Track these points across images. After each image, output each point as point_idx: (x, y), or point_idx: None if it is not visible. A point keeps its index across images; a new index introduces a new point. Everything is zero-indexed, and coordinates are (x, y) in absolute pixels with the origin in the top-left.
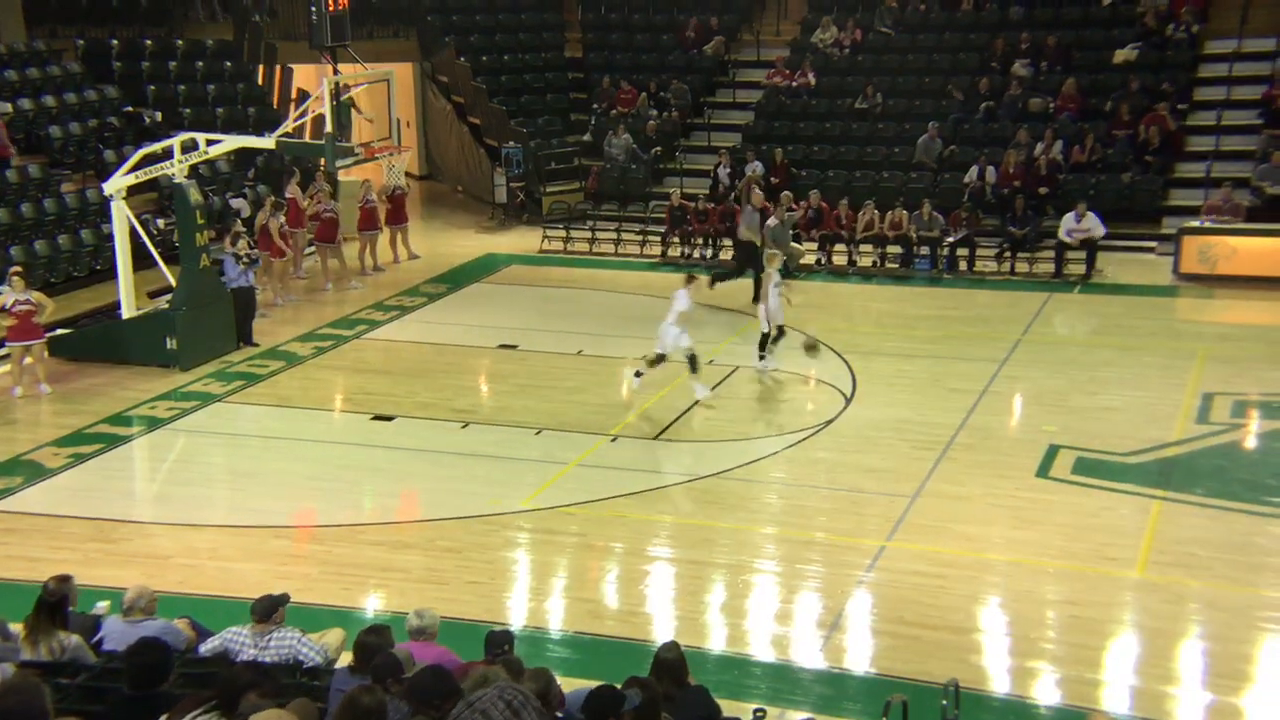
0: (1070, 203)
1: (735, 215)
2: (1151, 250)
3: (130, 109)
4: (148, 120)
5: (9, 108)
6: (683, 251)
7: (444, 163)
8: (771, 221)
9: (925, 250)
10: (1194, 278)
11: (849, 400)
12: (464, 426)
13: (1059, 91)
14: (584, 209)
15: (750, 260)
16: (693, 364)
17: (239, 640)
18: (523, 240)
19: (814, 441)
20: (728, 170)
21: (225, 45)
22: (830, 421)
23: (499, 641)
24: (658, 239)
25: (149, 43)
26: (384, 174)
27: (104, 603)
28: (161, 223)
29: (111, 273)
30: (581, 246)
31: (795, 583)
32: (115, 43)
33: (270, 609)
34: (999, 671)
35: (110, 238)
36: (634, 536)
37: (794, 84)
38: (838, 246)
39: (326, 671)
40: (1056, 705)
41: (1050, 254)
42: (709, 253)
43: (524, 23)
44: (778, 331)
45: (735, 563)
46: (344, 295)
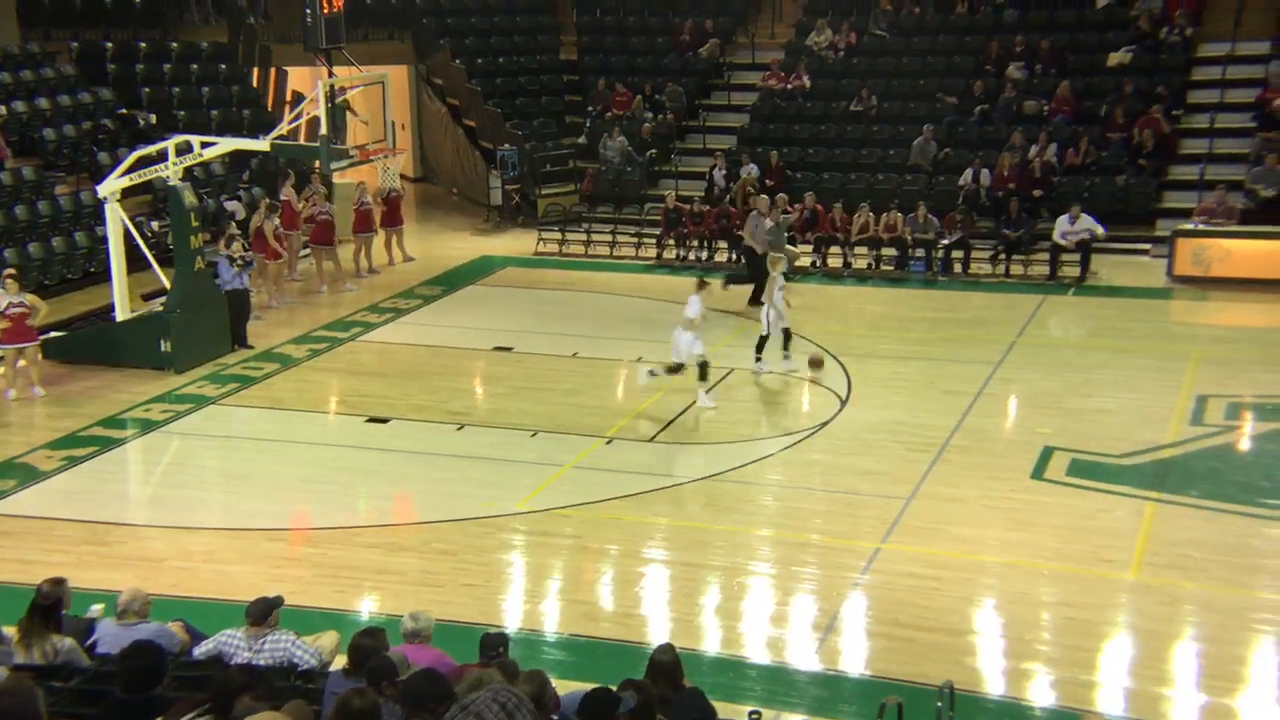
0: (1064, 205)
1: (730, 218)
2: (1146, 253)
3: (124, 111)
4: (142, 123)
5: (3, 110)
6: (678, 254)
7: (439, 165)
8: (766, 224)
9: (920, 252)
10: (1188, 280)
11: (844, 402)
12: (459, 429)
13: (1053, 94)
14: (579, 211)
15: (757, 265)
16: (702, 371)
17: (233, 643)
18: (518, 243)
19: (809, 444)
20: (723, 173)
21: (220, 48)
22: (825, 424)
23: (494, 644)
24: (653, 241)
25: (143, 45)
26: (379, 176)
27: (98, 606)
28: (156, 225)
29: (105, 275)
30: (577, 249)
31: (790, 585)
32: (110, 45)
33: (265, 612)
34: (994, 673)
35: (104, 240)
36: (629, 539)
37: (789, 87)
38: (833, 249)
39: (321, 674)
40: (1051, 707)
41: (1045, 256)
42: (704, 255)
43: (519, 25)
44: (784, 335)
45: (730, 565)
46: (339, 298)
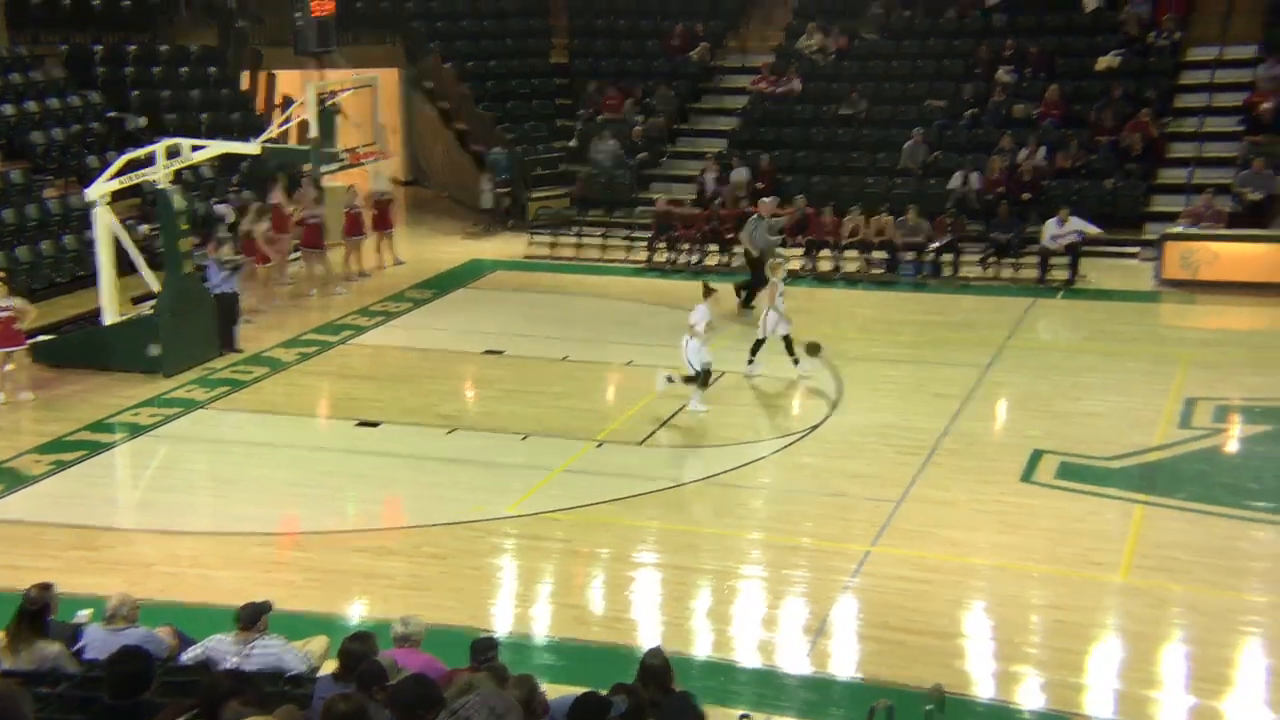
0: (1053, 209)
1: (721, 221)
2: (1134, 256)
3: (113, 114)
4: (131, 126)
5: None
6: (669, 257)
7: (430, 168)
8: (744, 232)
9: (910, 256)
10: (1176, 283)
11: (834, 405)
12: (449, 432)
13: (1042, 98)
14: (570, 214)
15: (760, 269)
16: (704, 378)
17: (222, 648)
18: (508, 246)
19: (800, 447)
20: (714, 176)
21: (210, 51)
22: (816, 427)
23: (484, 648)
24: (644, 245)
25: (133, 48)
26: (370, 180)
27: (85, 611)
28: (145, 228)
29: (94, 279)
30: (567, 252)
31: (781, 588)
32: (99, 48)
33: (254, 617)
34: (983, 676)
35: (92, 244)
36: (620, 542)
37: (779, 90)
38: (823, 252)
39: (310, 679)
40: (1041, 709)
41: (1034, 259)
42: (695, 259)
43: (509, 28)
44: (785, 342)
45: (721, 568)
46: (329, 301)
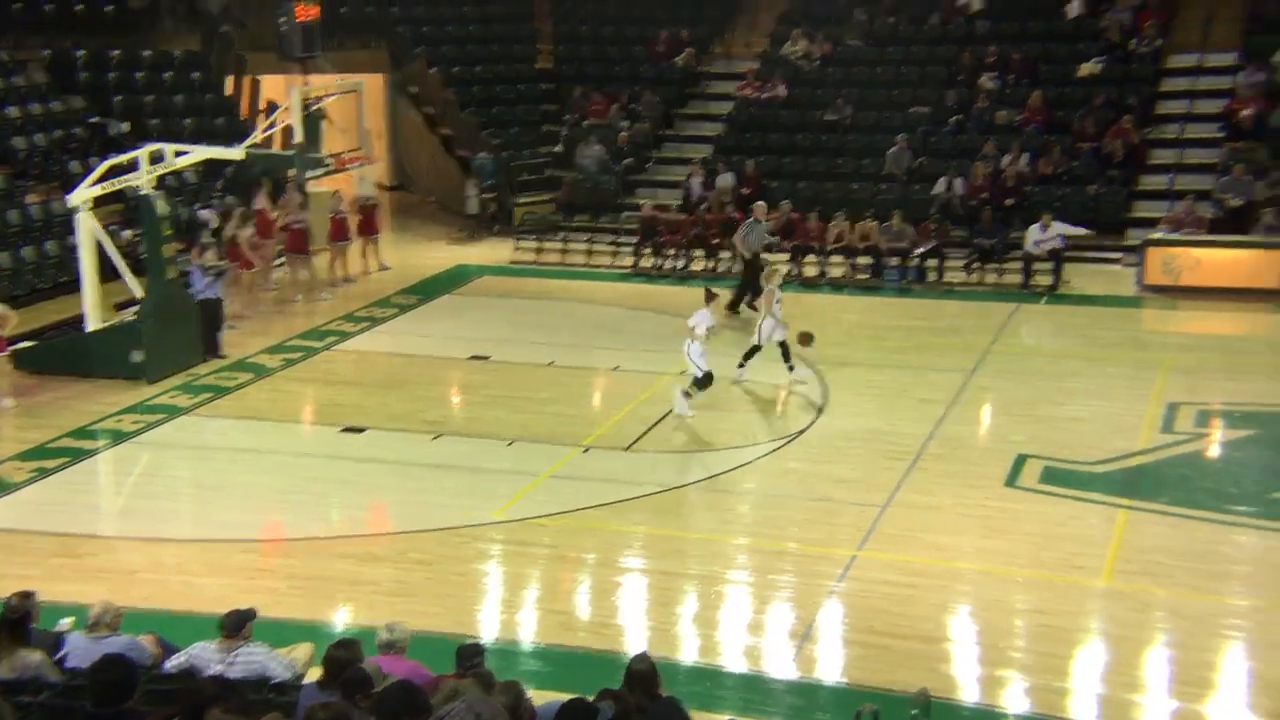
0: (1036, 214)
1: (707, 227)
2: (1116, 261)
3: (96, 120)
4: (113, 131)
5: None
6: (654, 263)
7: (415, 174)
8: (738, 234)
9: (895, 261)
10: (1158, 289)
11: (820, 410)
12: (435, 438)
13: (1025, 104)
14: (556, 220)
15: (754, 274)
16: (702, 383)
17: (205, 656)
18: (494, 251)
19: (785, 452)
20: (700, 181)
21: (193, 56)
22: (802, 432)
23: (470, 654)
24: (629, 250)
25: (116, 53)
26: (355, 185)
27: (67, 619)
28: (128, 234)
29: (77, 285)
30: (553, 257)
31: (767, 593)
32: (81, 53)
33: (238, 624)
34: (968, 680)
35: (75, 249)
36: (606, 548)
37: (764, 96)
38: (808, 257)
39: (295, 687)
40: (1025, 714)
41: (1018, 265)
42: (680, 264)
43: (495, 34)
44: (782, 348)
45: (707, 573)
46: (314, 307)
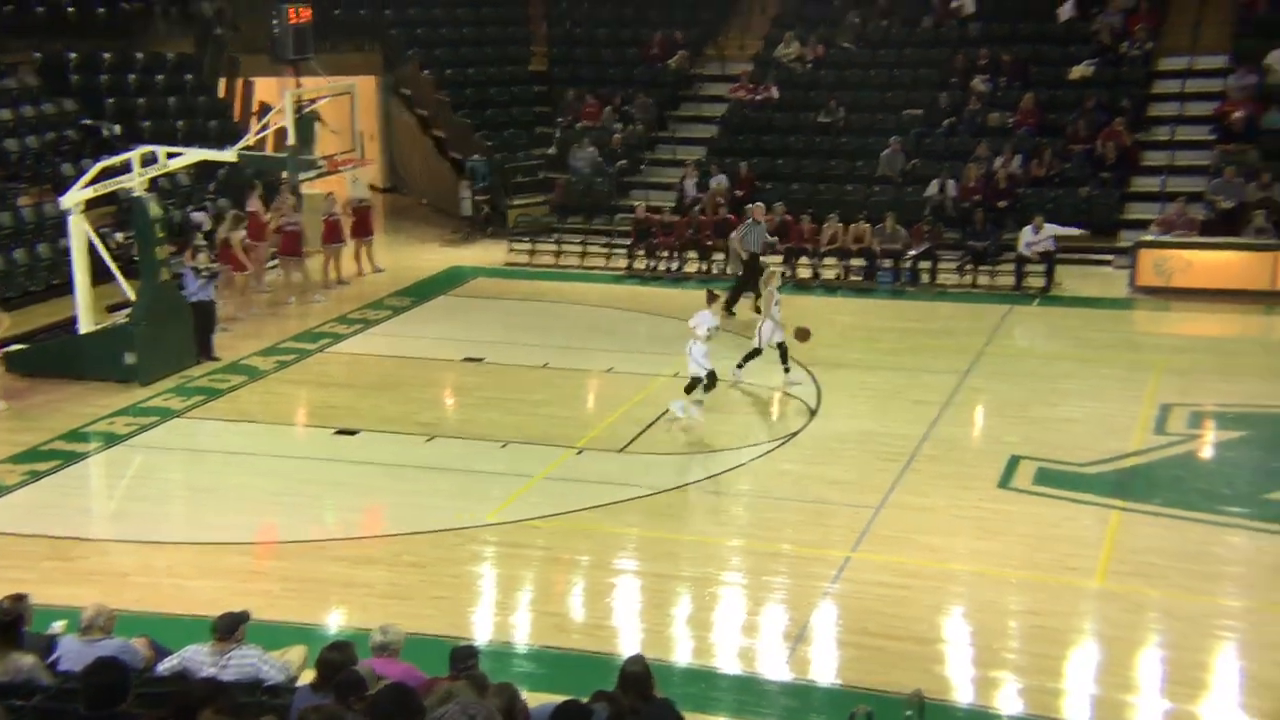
0: (1029, 216)
1: (701, 228)
2: (1109, 263)
3: (88, 122)
4: (105, 133)
5: None
6: (648, 265)
7: (409, 176)
8: (735, 235)
9: (888, 263)
10: (1150, 290)
11: (814, 412)
12: (429, 440)
13: (1017, 107)
14: (549, 222)
15: (753, 274)
16: (696, 385)
17: (198, 659)
18: (488, 253)
19: (779, 453)
20: (694, 183)
21: (186, 58)
22: (795, 434)
23: (463, 657)
24: (623, 252)
25: (108, 56)
26: (348, 187)
27: (60, 622)
28: (120, 236)
29: (69, 287)
30: (547, 259)
31: (761, 595)
32: (73, 56)
33: (231, 627)
34: (962, 681)
35: (67, 252)
36: (600, 549)
37: (758, 98)
38: (802, 259)
39: (288, 689)
40: (1019, 714)
41: (1010, 267)
42: (674, 266)
43: (488, 36)
44: (780, 350)
45: (701, 575)
46: (307, 309)
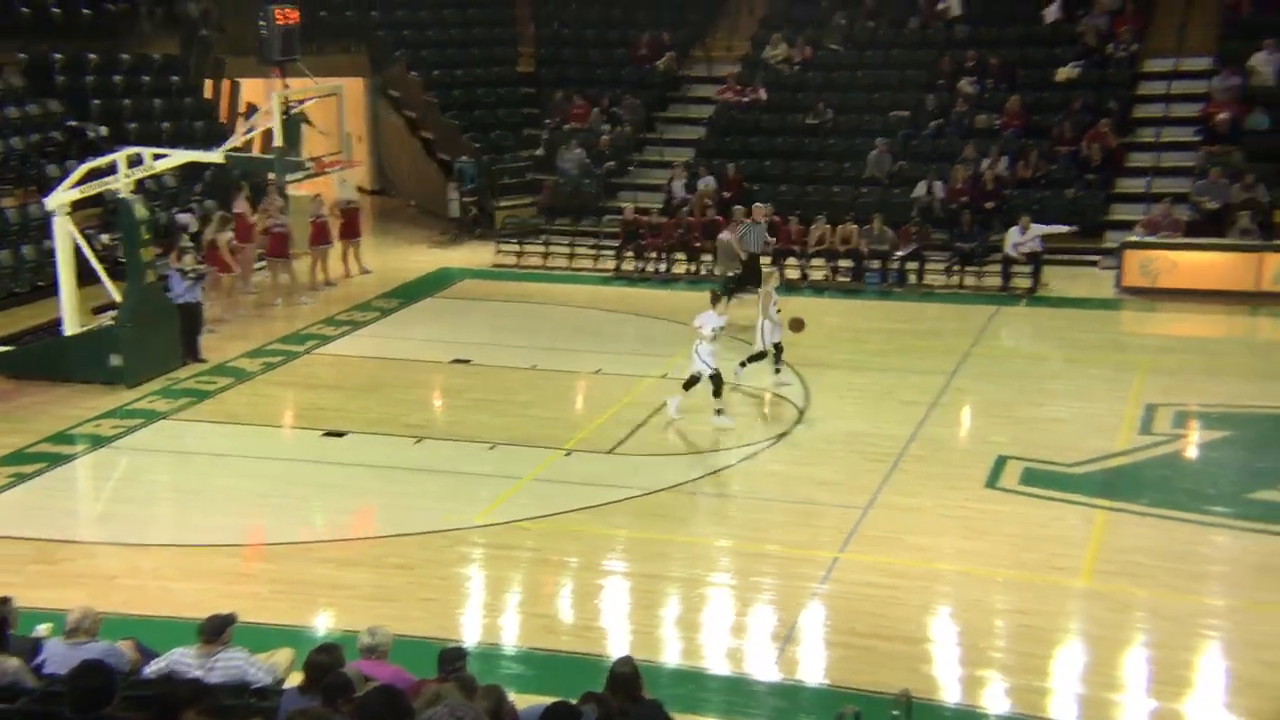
0: (1016, 217)
1: (689, 229)
2: (1095, 264)
3: (74, 123)
4: (91, 134)
5: None
6: (636, 266)
7: (396, 177)
8: (724, 236)
9: (876, 264)
10: (1136, 291)
11: (802, 413)
12: (417, 442)
13: (1004, 108)
14: (537, 223)
15: (752, 275)
16: (694, 382)
17: (185, 662)
18: (476, 255)
19: (768, 454)
20: (683, 184)
21: (172, 59)
22: (784, 434)
23: (452, 658)
24: (611, 253)
25: (93, 57)
26: (336, 189)
27: (44, 625)
28: (106, 238)
29: (54, 289)
30: (535, 261)
31: (749, 595)
32: (59, 56)
33: (218, 629)
34: (950, 681)
35: (53, 254)
36: (588, 551)
37: (745, 99)
38: (790, 260)
39: (275, 692)
40: (1006, 714)
41: (997, 268)
42: (663, 267)
43: (476, 37)
44: (775, 350)
45: (690, 576)
46: (294, 310)
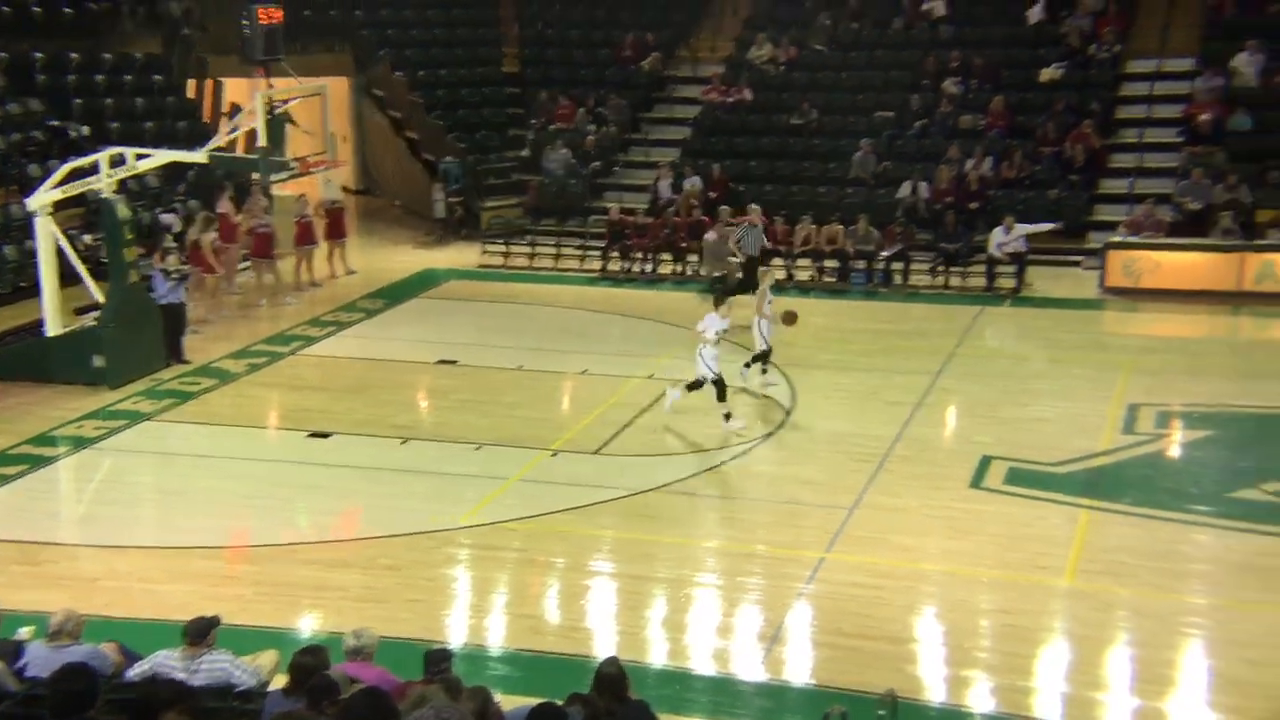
0: (1000, 218)
1: (675, 230)
2: (1078, 264)
3: (55, 123)
4: (73, 134)
5: None
6: (622, 266)
7: (381, 177)
8: (709, 236)
9: (861, 264)
10: (1119, 291)
11: (788, 413)
12: (403, 443)
13: (988, 109)
14: (523, 224)
15: (752, 278)
16: (698, 386)
17: (169, 664)
18: (461, 255)
19: (754, 454)
20: (669, 184)
21: (154, 59)
22: (769, 434)
23: (437, 660)
24: (597, 254)
25: (75, 56)
26: (320, 189)
27: (27, 628)
28: (88, 238)
29: (36, 289)
30: (520, 261)
31: (735, 596)
32: (40, 56)
33: (202, 631)
34: (935, 680)
35: (34, 254)
36: (575, 552)
37: (730, 100)
38: (775, 261)
39: (260, 694)
40: (991, 713)
41: (982, 268)
42: (649, 268)
43: (460, 37)
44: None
45: (676, 577)
46: (278, 311)
